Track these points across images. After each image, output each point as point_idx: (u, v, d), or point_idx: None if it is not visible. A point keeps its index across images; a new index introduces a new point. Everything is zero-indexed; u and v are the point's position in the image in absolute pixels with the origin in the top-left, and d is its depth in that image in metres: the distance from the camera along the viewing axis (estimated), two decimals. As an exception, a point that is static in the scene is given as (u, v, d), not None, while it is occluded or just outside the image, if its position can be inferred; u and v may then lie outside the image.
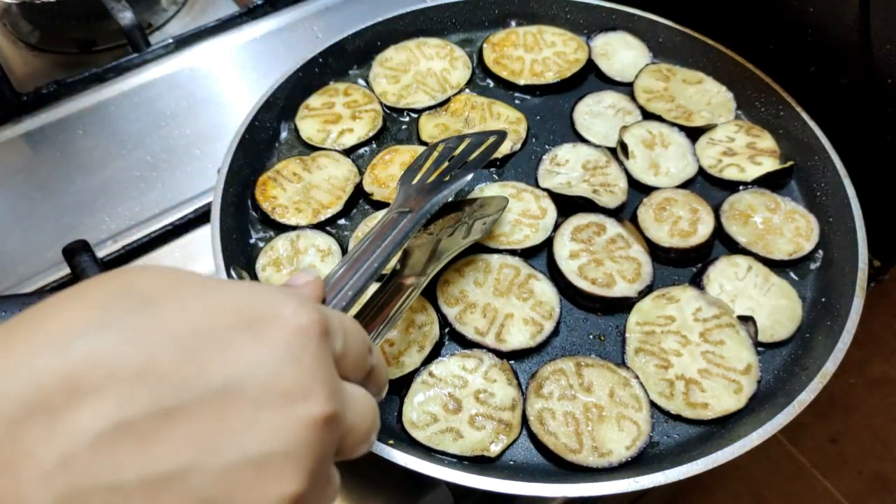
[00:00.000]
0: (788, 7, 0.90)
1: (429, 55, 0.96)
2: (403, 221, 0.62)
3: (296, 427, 0.27)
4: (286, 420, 0.27)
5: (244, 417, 0.26)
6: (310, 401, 0.28)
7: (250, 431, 0.26)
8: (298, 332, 0.29)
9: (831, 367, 0.64)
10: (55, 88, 0.97)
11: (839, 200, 0.78)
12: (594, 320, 0.73)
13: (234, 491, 0.25)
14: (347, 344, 0.33)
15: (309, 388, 0.28)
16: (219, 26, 1.06)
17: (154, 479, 0.24)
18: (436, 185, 0.69)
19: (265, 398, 0.27)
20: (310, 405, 0.28)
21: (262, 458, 0.26)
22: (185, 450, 0.24)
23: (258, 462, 0.26)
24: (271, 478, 0.26)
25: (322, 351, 0.30)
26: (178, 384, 0.25)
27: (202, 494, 0.24)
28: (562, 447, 0.62)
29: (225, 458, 0.25)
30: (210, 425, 0.25)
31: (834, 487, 1.79)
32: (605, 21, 0.99)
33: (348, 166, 0.84)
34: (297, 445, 0.27)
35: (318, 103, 0.91)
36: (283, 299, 0.30)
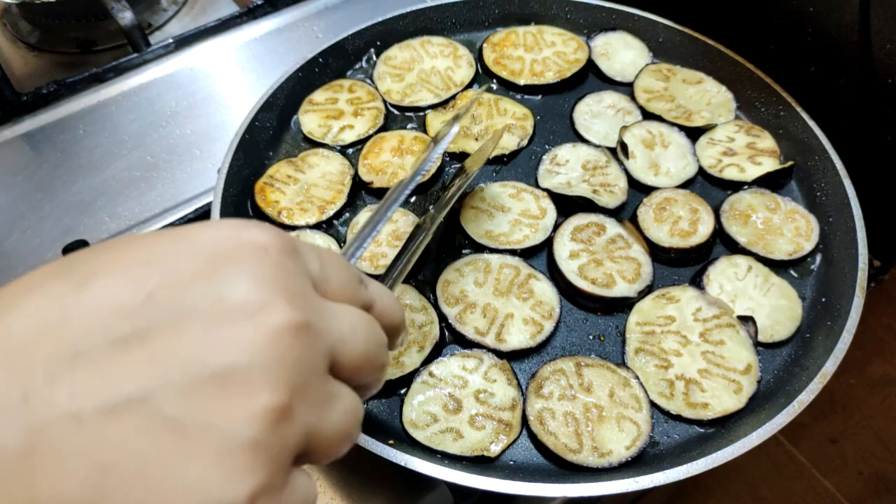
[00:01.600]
0: (788, 7, 0.90)
1: (433, 53, 0.96)
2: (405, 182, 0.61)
3: (256, 337, 0.26)
4: (244, 331, 0.26)
5: (200, 337, 0.25)
6: (269, 310, 0.27)
7: (209, 348, 0.25)
8: (255, 250, 0.28)
9: (831, 367, 0.64)
10: (55, 88, 0.97)
11: (839, 200, 0.78)
12: (594, 320, 0.73)
13: (199, 407, 0.24)
14: (326, 269, 0.32)
15: (267, 298, 0.27)
16: (219, 26, 1.06)
17: (112, 404, 0.23)
18: None
19: (224, 314, 0.26)
20: (270, 314, 0.26)
21: (225, 372, 0.25)
22: (142, 373, 0.24)
23: (221, 376, 0.25)
24: (238, 391, 0.25)
25: (284, 265, 0.29)
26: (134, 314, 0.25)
27: (166, 414, 0.24)
28: (562, 447, 0.62)
29: (186, 377, 0.24)
30: (167, 347, 0.25)
31: (834, 487, 1.79)
32: (605, 21, 0.99)
33: (339, 160, 0.84)
34: (262, 356, 0.26)
35: (322, 98, 0.91)
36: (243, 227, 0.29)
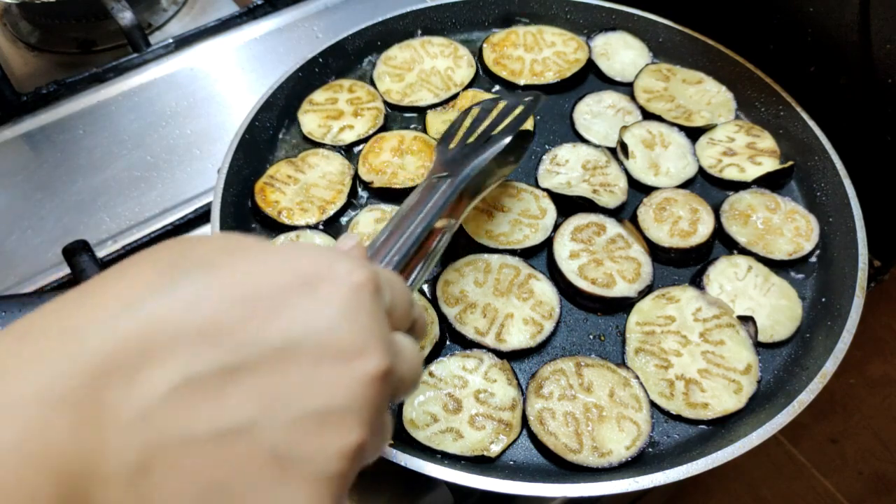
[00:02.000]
0: (788, 7, 0.90)
1: (433, 54, 0.96)
2: (443, 186, 0.61)
3: (354, 383, 0.28)
4: (344, 377, 0.28)
5: (304, 374, 0.27)
6: (366, 357, 0.29)
7: (311, 387, 0.27)
8: (353, 290, 0.30)
9: (831, 367, 0.64)
10: (55, 88, 0.97)
11: (839, 200, 0.78)
12: (594, 320, 0.73)
13: (299, 442, 0.26)
14: (394, 298, 0.34)
15: (365, 345, 0.29)
16: (219, 26, 1.06)
17: (224, 431, 0.25)
18: (474, 149, 0.68)
19: (324, 355, 0.28)
20: (366, 362, 0.29)
21: (324, 413, 0.27)
22: (251, 405, 0.26)
23: (320, 416, 0.27)
24: (333, 431, 0.27)
25: (376, 307, 0.31)
26: (240, 343, 0.26)
27: (270, 445, 0.26)
28: (562, 447, 0.62)
29: (289, 412, 0.26)
30: (272, 381, 0.26)
31: (834, 487, 1.79)
32: (605, 21, 0.99)
33: (340, 160, 0.84)
34: (356, 401, 0.28)
35: (322, 98, 0.91)
36: (336, 258, 0.31)
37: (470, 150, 0.68)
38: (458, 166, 0.65)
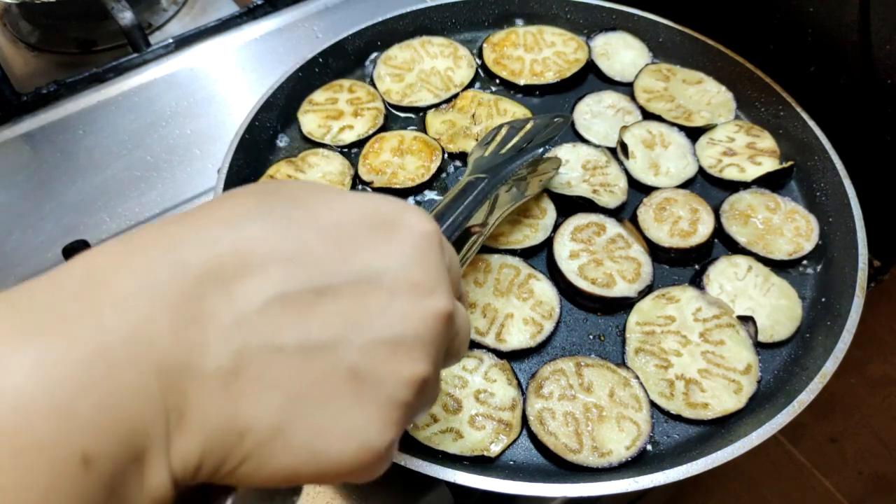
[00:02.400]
0: (788, 7, 0.90)
1: (433, 54, 0.96)
2: (482, 184, 0.66)
3: (424, 316, 0.30)
4: (416, 309, 0.30)
5: (381, 303, 0.29)
6: (435, 296, 0.31)
7: (387, 315, 0.29)
8: (424, 237, 0.32)
9: (831, 367, 0.64)
10: (55, 88, 0.97)
11: (839, 200, 0.78)
12: (594, 320, 0.73)
13: (375, 365, 0.28)
14: (451, 263, 0.36)
15: (434, 285, 0.31)
16: (219, 26, 1.06)
17: (310, 346, 0.27)
18: (509, 157, 0.73)
19: (398, 288, 0.30)
20: (435, 300, 0.31)
21: (398, 340, 0.29)
22: (335, 325, 0.28)
23: (394, 343, 0.29)
24: (404, 358, 0.29)
25: (441, 257, 0.33)
26: (327, 268, 0.29)
27: (349, 364, 0.28)
28: (562, 447, 0.62)
29: (367, 335, 0.28)
30: (353, 307, 0.29)
31: (834, 487, 1.79)
32: (605, 21, 0.99)
33: (339, 160, 0.84)
34: (426, 332, 0.30)
35: (322, 98, 0.91)
36: (408, 208, 0.33)
37: (505, 157, 0.73)
38: (497, 169, 0.71)
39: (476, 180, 0.67)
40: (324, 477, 0.28)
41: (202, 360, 0.25)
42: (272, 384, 0.26)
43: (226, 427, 0.25)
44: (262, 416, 0.26)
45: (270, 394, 0.26)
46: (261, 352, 0.26)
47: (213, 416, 0.25)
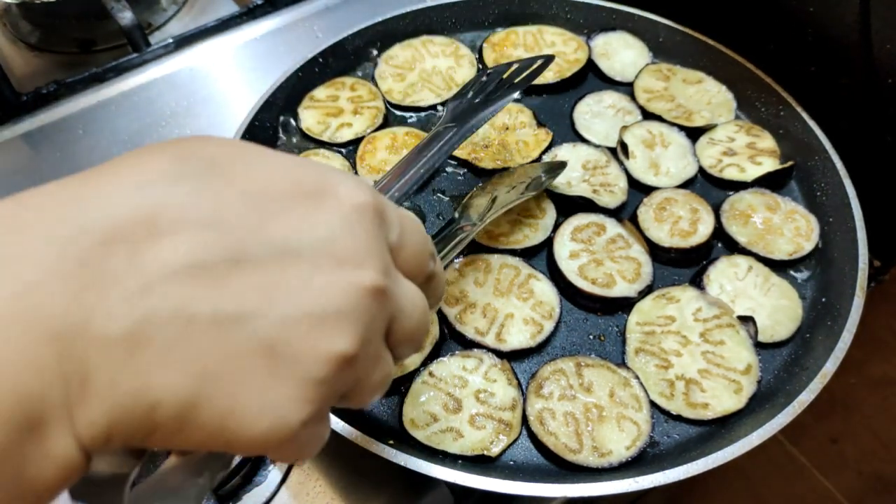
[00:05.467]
0: (788, 7, 0.90)
1: (434, 53, 0.96)
2: (449, 135, 0.65)
3: (347, 290, 0.28)
4: (339, 283, 0.28)
5: (301, 276, 0.28)
6: (361, 269, 0.29)
7: (307, 289, 0.28)
8: (354, 208, 0.30)
9: (831, 367, 0.64)
10: (55, 88, 0.97)
11: (839, 200, 0.78)
12: (594, 320, 0.73)
13: (291, 340, 0.27)
14: (404, 237, 0.34)
15: (361, 258, 0.29)
16: (219, 26, 1.06)
17: (223, 317, 0.25)
18: (483, 103, 0.71)
19: (321, 261, 0.28)
20: (361, 273, 0.29)
21: (317, 314, 0.27)
22: (251, 297, 0.26)
23: (313, 317, 0.27)
24: (325, 333, 0.28)
25: (375, 229, 0.31)
26: (245, 237, 0.27)
27: (264, 339, 0.26)
28: (562, 447, 0.62)
29: (285, 309, 0.27)
30: (272, 279, 0.27)
31: (834, 487, 1.79)
32: (605, 21, 0.99)
33: (340, 161, 0.84)
34: (348, 307, 0.28)
35: (323, 95, 0.91)
36: (341, 177, 0.31)
37: (479, 104, 0.71)
38: (466, 117, 0.69)
39: (444, 130, 0.66)
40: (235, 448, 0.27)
41: (104, 325, 0.23)
42: (184, 356, 0.25)
43: (134, 397, 0.24)
44: (172, 389, 0.25)
45: (182, 366, 0.25)
46: (170, 321, 0.24)
47: (120, 384, 0.24)
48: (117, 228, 0.25)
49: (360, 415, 0.66)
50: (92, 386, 0.23)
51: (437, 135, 0.65)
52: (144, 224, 0.25)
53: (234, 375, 0.26)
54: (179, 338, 0.25)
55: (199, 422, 0.25)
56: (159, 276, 0.24)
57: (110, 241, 0.24)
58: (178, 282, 0.25)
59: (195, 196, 0.27)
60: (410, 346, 0.35)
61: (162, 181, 0.27)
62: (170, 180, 0.27)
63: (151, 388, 0.24)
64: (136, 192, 0.26)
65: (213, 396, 0.25)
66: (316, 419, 0.28)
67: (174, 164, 0.27)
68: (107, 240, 0.24)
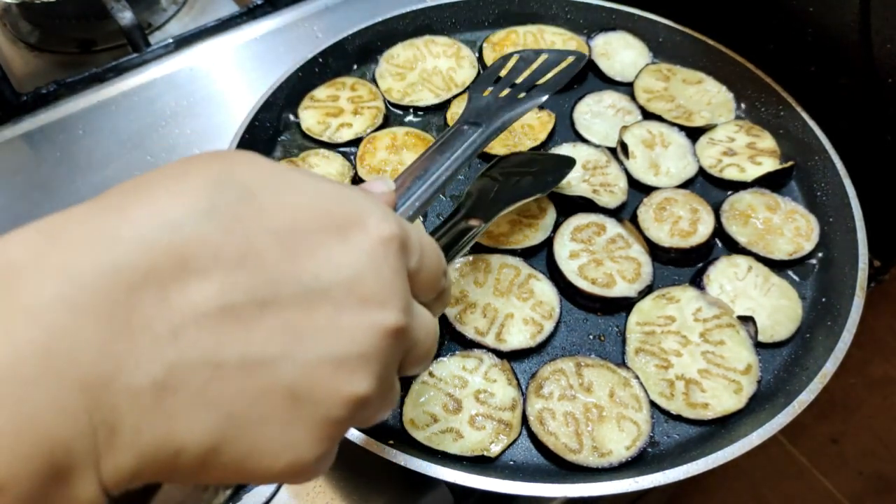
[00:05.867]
0: (788, 7, 0.90)
1: (436, 53, 0.96)
2: (473, 135, 0.60)
3: (371, 333, 0.29)
4: (363, 325, 0.29)
5: (328, 317, 0.28)
6: (385, 310, 0.29)
7: (332, 331, 0.28)
8: (381, 243, 0.30)
9: (831, 367, 0.64)
10: (55, 88, 0.97)
11: (839, 200, 0.78)
12: (594, 320, 0.73)
13: (315, 384, 0.27)
14: (422, 261, 0.34)
15: (386, 298, 0.30)
16: (219, 26, 1.06)
17: (251, 362, 0.25)
18: (508, 102, 0.66)
19: (347, 302, 0.28)
20: (385, 314, 0.29)
21: (341, 358, 0.28)
22: (278, 340, 0.26)
23: (337, 361, 0.28)
24: (346, 377, 0.28)
25: (400, 265, 0.31)
26: (275, 277, 0.27)
27: (288, 383, 0.26)
28: (562, 447, 0.62)
29: (310, 353, 0.27)
30: (299, 320, 0.27)
31: (834, 487, 1.79)
32: (605, 21, 0.99)
33: (340, 161, 0.84)
34: (371, 350, 0.29)
35: (324, 95, 0.91)
36: (369, 207, 0.31)
37: (505, 101, 0.66)
38: (492, 116, 0.64)
39: (467, 129, 0.60)
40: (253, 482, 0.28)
41: (133, 375, 0.23)
42: (210, 402, 0.25)
43: (160, 445, 0.24)
44: (197, 435, 0.25)
45: (208, 412, 0.25)
46: (199, 367, 0.24)
47: (147, 433, 0.24)
48: (147, 269, 0.24)
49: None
50: (120, 434, 0.23)
51: (460, 133, 0.59)
52: (174, 263, 0.25)
53: (258, 419, 0.26)
54: (207, 384, 0.25)
55: (220, 463, 0.26)
56: (189, 321, 0.24)
57: (140, 283, 0.24)
58: (207, 326, 0.25)
59: (226, 234, 0.26)
60: (419, 368, 0.35)
61: (193, 214, 0.26)
62: (201, 213, 0.26)
63: (176, 434, 0.24)
64: (166, 226, 0.25)
65: (235, 440, 0.26)
66: (330, 453, 0.29)
67: (209, 193, 0.27)
68: (137, 282, 0.24)
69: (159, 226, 0.25)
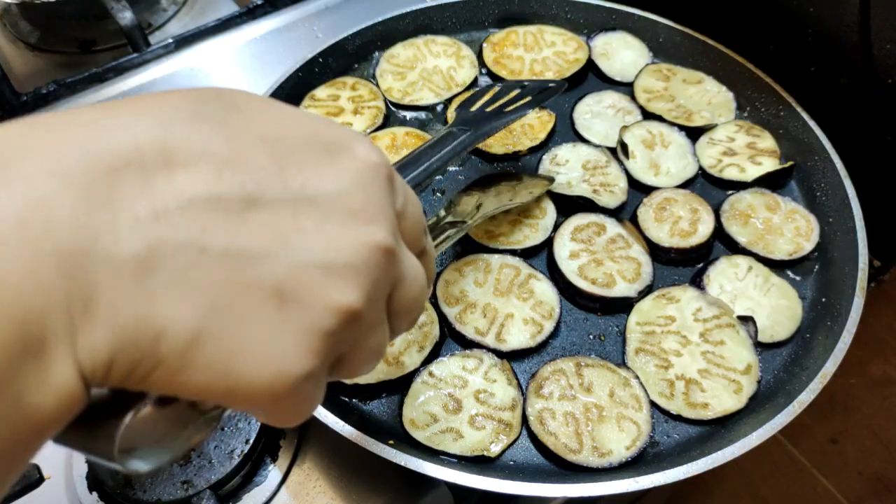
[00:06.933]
0: (788, 7, 0.90)
1: (436, 53, 0.96)
2: (463, 136, 0.66)
3: (359, 245, 0.28)
4: (351, 236, 0.28)
5: (315, 224, 0.27)
6: (373, 226, 0.29)
7: (319, 238, 0.27)
8: (369, 167, 0.30)
9: (831, 367, 0.64)
10: (55, 88, 0.97)
11: (839, 200, 0.78)
12: (594, 320, 0.73)
13: (301, 287, 0.26)
14: (407, 206, 0.34)
15: (373, 215, 0.29)
16: (219, 26, 1.06)
17: (235, 253, 0.25)
18: (495, 113, 0.74)
19: (335, 212, 0.28)
20: (373, 230, 0.29)
21: (328, 264, 0.27)
22: (265, 237, 0.26)
23: (324, 267, 0.27)
24: (334, 284, 0.27)
25: (387, 191, 0.31)
26: (262, 179, 0.26)
27: (274, 281, 0.26)
28: (562, 447, 0.62)
29: (297, 254, 0.26)
30: (286, 223, 0.27)
31: (834, 487, 1.79)
32: (605, 21, 0.99)
33: None
34: (359, 262, 0.28)
35: (324, 94, 0.91)
36: (357, 136, 0.31)
37: (492, 114, 0.74)
38: (480, 123, 0.70)
39: (457, 131, 0.67)
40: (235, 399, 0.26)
41: (112, 248, 0.22)
42: (193, 286, 0.24)
43: (140, 324, 0.23)
44: (180, 319, 0.24)
45: (190, 296, 0.24)
46: (182, 249, 0.24)
47: (126, 309, 0.23)
48: (130, 156, 0.24)
49: (360, 415, 0.66)
50: (96, 308, 0.22)
51: (452, 134, 0.65)
52: (161, 155, 0.24)
53: (243, 314, 0.25)
54: (190, 267, 0.24)
55: (203, 360, 0.24)
56: (172, 205, 0.24)
57: (122, 166, 0.23)
58: (192, 212, 0.24)
59: (215, 134, 0.26)
60: (407, 319, 0.34)
61: (182, 117, 0.26)
62: (190, 117, 0.26)
63: (156, 314, 0.23)
64: (152, 123, 0.25)
65: (219, 333, 0.25)
66: (316, 376, 0.28)
67: (196, 103, 0.27)
68: (118, 165, 0.23)
69: (145, 121, 0.25)
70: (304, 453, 0.67)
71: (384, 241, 0.29)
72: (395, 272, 0.31)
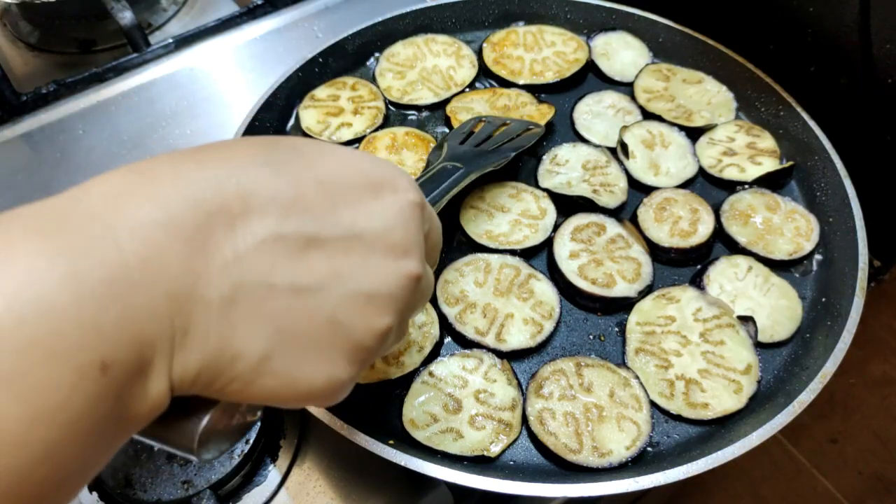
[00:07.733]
0: (788, 7, 0.90)
1: (436, 52, 0.96)
2: (457, 174, 0.69)
3: (397, 276, 0.34)
4: (392, 270, 0.34)
5: (363, 258, 0.33)
6: (409, 259, 0.35)
7: (365, 270, 0.33)
8: (409, 204, 0.36)
9: (831, 367, 0.64)
10: (55, 88, 0.97)
11: (839, 200, 0.78)
12: (594, 320, 0.73)
13: (350, 313, 0.32)
14: (431, 232, 0.40)
15: (410, 248, 0.35)
16: (219, 26, 1.06)
17: (298, 287, 0.31)
18: (485, 151, 0.77)
19: (378, 247, 0.34)
20: (409, 262, 0.35)
21: (372, 294, 0.33)
22: (321, 272, 0.31)
23: (369, 296, 0.33)
24: (375, 311, 0.34)
25: (420, 221, 0.37)
26: (319, 218, 0.32)
27: (329, 310, 0.32)
28: (562, 447, 0.62)
29: (348, 286, 0.32)
30: (338, 258, 0.32)
31: (834, 487, 1.79)
32: (605, 21, 0.99)
33: None
34: (396, 290, 0.34)
35: (324, 94, 0.91)
36: (400, 174, 0.37)
37: (481, 151, 0.77)
38: (472, 160, 0.73)
39: (452, 168, 0.69)
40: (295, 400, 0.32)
41: (206, 289, 0.28)
42: (264, 317, 0.30)
43: (222, 349, 0.29)
44: (253, 343, 0.29)
45: (262, 325, 0.30)
46: (256, 286, 0.29)
47: (213, 338, 0.28)
48: (220, 204, 0.29)
49: (360, 415, 0.66)
50: (191, 338, 0.28)
51: (445, 170, 0.69)
52: (240, 200, 0.30)
53: (303, 337, 0.31)
54: (262, 302, 0.29)
55: (272, 373, 0.30)
56: (249, 247, 0.29)
57: (215, 215, 0.29)
58: (263, 252, 0.29)
59: (281, 179, 0.31)
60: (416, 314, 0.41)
61: (254, 164, 0.31)
62: (261, 163, 0.31)
63: (235, 341, 0.29)
64: (234, 172, 0.30)
65: (284, 352, 0.30)
66: (356, 377, 0.35)
67: (263, 150, 0.32)
68: (212, 214, 0.29)
69: (228, 170, 0.30)
70: (304, 453, 0.67)
71: (416, 271, 0.35)
72: (420, 291, 0.37)
